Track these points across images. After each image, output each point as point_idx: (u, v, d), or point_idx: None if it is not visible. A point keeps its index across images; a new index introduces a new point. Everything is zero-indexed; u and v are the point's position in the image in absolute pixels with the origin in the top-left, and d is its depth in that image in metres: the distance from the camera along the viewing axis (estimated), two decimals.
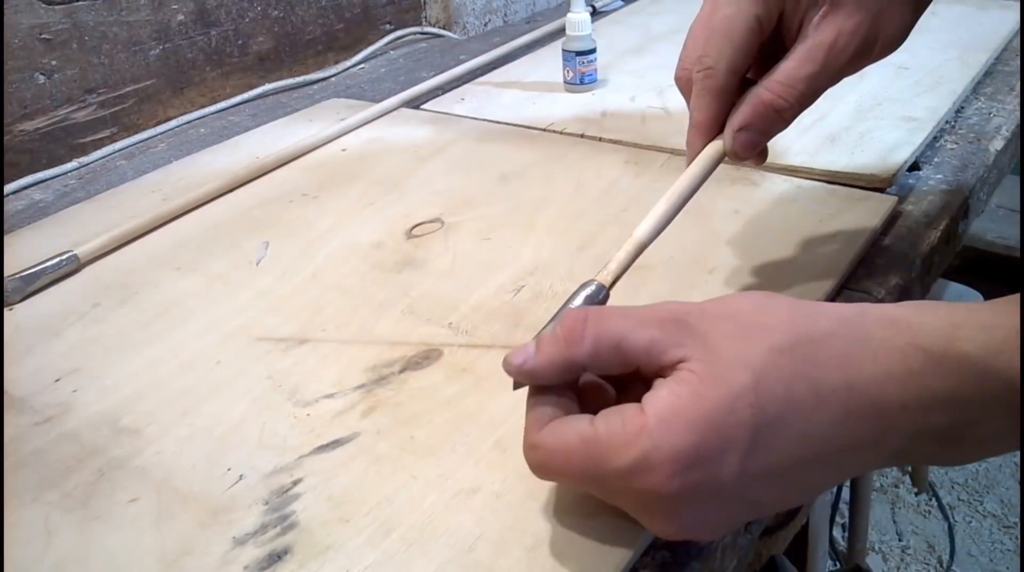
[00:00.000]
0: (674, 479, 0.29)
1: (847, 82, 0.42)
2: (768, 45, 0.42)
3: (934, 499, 1.50)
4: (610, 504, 0.33)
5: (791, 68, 0.40)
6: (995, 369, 0.28)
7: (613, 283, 0.37)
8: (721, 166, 0.63)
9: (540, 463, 0.32)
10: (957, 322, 0.30)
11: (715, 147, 0.42)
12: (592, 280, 0.37)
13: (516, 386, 0.34)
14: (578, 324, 0.32)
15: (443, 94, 0.85)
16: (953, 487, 1.53)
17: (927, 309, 0.31)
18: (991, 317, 0.29)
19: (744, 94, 0.41)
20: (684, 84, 0.43)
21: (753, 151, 0.41)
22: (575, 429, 0.31)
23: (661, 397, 0.30)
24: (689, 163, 0.42)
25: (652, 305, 0.33)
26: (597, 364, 0.32)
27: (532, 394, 0.34)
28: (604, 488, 0.32)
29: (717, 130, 0.42)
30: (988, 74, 0.79)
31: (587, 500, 0.36)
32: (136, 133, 0.83)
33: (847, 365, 0.30)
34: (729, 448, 0.29)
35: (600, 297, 0.36)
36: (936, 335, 0.30)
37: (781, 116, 0.40)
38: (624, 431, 0.30)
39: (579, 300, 0.36)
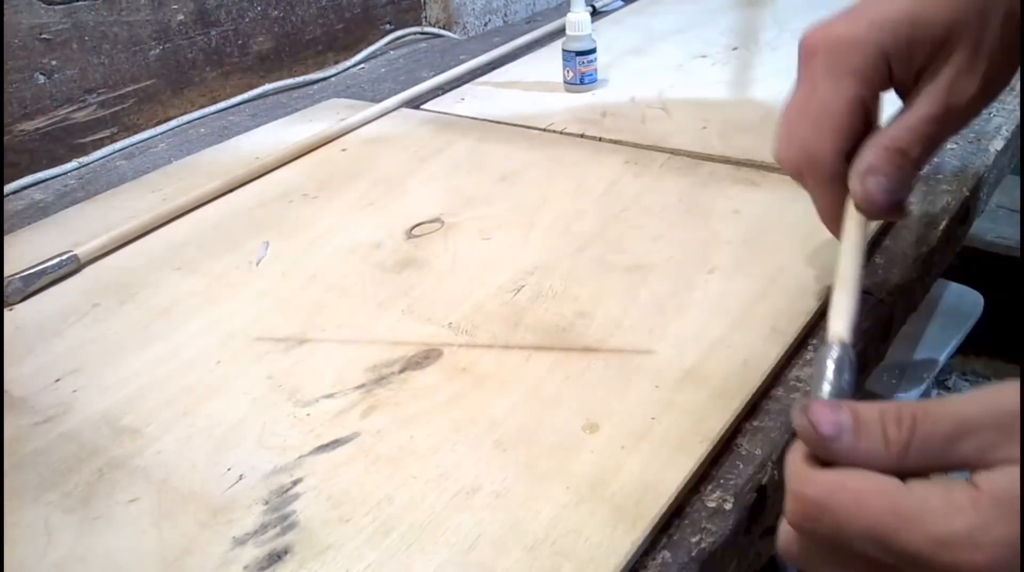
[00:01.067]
0: (998, 566, 0.25)
1: None
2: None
3: None
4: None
5: (911, 112, 0.38)
6: None
7: (853, 334, 0.33)
8: (721, 167, 0.63)
9: (822, 499, 0.27)
10: None
11: (855, 217, 0.39)
12: (832, 341, 0.32)
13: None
14: (905, 427, 0.27)
15: (443, 94, 0.85)
16: None
17: None
18: None
19: (862, 148, 0.39)
20: (790, 169, 0.41)
21: (885, 196, 0.37)
22: (879, 478, 0.27)
23: (1001, 480, 0.26)
24: (840, 236, 0.39)
25: (984, 393, 0.28)
26: (915, 471, 0.27)
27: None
28: (896, 555, 0.27)
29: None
30: None
31: (587, 499, 0.36)
32: (136, 133, 0.83)
33: None
34: None
35: (849, 358, 0.31)
36: None
37: (907, 158, 0.38)
38: (948, 498, 0.26)
39: (830, 375, 0.31)
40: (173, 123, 0.86)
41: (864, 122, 0.39)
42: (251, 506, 0.38)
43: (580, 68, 0.81)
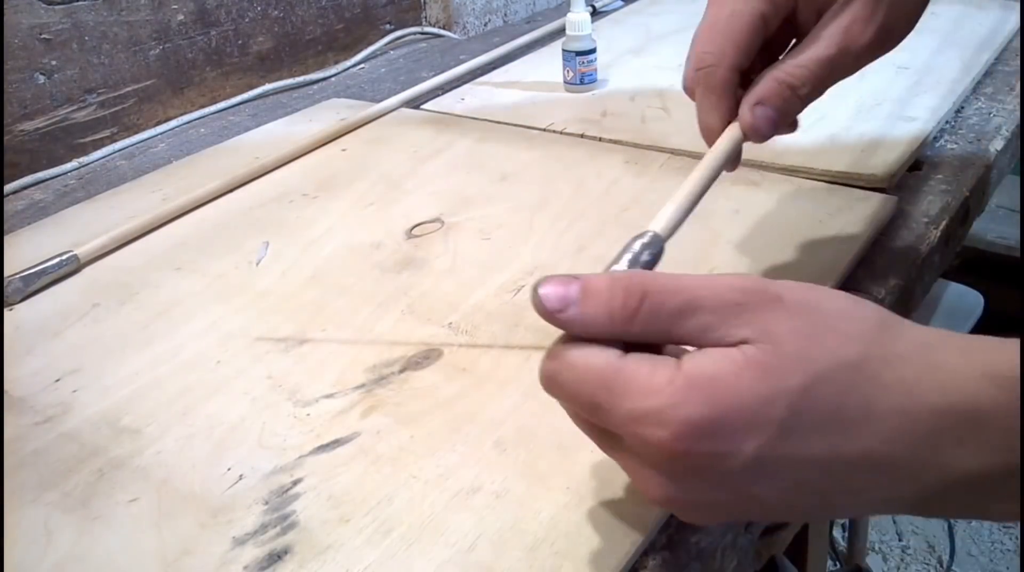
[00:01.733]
0: (681, 442, 0.27)
1: (847, 82, 0.42)
2: (781, 41, 0.42)
3: None
4: (606, 452, 0.32)
5: (806, 51, 0.39)
6: None
7: (670, 234, 0.34)
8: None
9: (552, 373, 0.30)
10: None
11: (732, 130, 0.40)
12: (647, 230, 0.33)
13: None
14: (632, 300, 0.29)
15: (443, 94, 0.85)
16: None
17: (1008, 342, 0.28)
18: None
19: (758, 78, 0.40)
20: (690, 88, 0.42)
21: (769, 127, 0.40)
22: (603, 353, 0.29)
23: (702, 362, 0.28)
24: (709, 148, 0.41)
25: (725, 277, 0.30)
26: (642, 340, 0.29)
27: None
28: (604, 424, 0.30)
29: (724, 129, 0.41)
30: (988, 74, 0.79)
31: (587, 499, 0.36)
32: (136, 133, 0.83)
33: (911, 391, 0.28)
34: (750, 434, 0.27)
35: (656, 250, 0.33)
36: (1008, 365, 0.27)
37: (796, 94, 0.39)
38: (650, 377, 0.28)
39: (632, 253, 0.33)
40: (173, 123, 0.86)
41: (763, 37, 0.41)
42: (251, 506, 0.38)
43: (580, 68, 0.81)
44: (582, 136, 0.72)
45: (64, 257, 0.57)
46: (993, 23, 0.88)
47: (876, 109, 0.70)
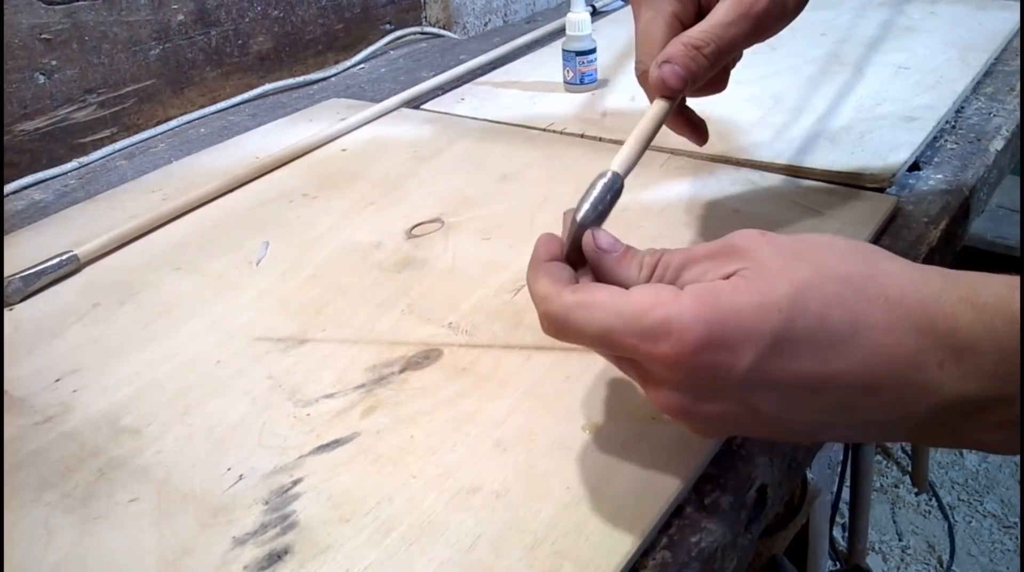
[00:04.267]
0: (686, 349, 0.30)
1: (847, 82, 0.42)
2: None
3: (934, 499, 1.50)
4: (623, 373, 0.34)
5: (709, 18, 0.43)
6: None
7: (627, 173, 0.39)
8: (721, 167, 0.63)
9: (559, 315, 0.32)
10: (1014, 285, 0.29)
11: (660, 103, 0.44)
12: (607, 170, 0.38)
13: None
14: (653, 258, 0.34)
15: (443, 94, 0.85)
16: (953, 487, 1.53)
17: (995, 276, 0.30)
18: None
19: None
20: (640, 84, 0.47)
21: (678, 81, 0.42)
22: (606, 289, 0.32)
23: (700, 284, 0.31)
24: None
25: (712, 243, 0.34)
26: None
27: (544, 259, 0.35)
28: (617, 349, 0.32)
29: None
30: (988, 74, 0.79)
31: (587, 499, 0.36)
32: (136, 133, 0.83)
33: (894, 308, 0.29)
34: (747, 344, 0.29)
35: (617, 186, 0.38)
36: (991, 291, 0.29)
37: (701, 52, 0.42)
38: (656, 297, 0.31)
39: (597, 191, 0.37)
40: (173, 123, 0.86)
41: (681, 31, 0.45)
42: (251, 506, 0.38)
43: (580, 68, 0.81)
44: (582, 136, 0.72)
45: (64, 257, 0.57)
46: (993, 23, 0.88)
47: (876, 109, 0.70)
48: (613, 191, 0.37)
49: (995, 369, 0.28)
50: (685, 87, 0.42)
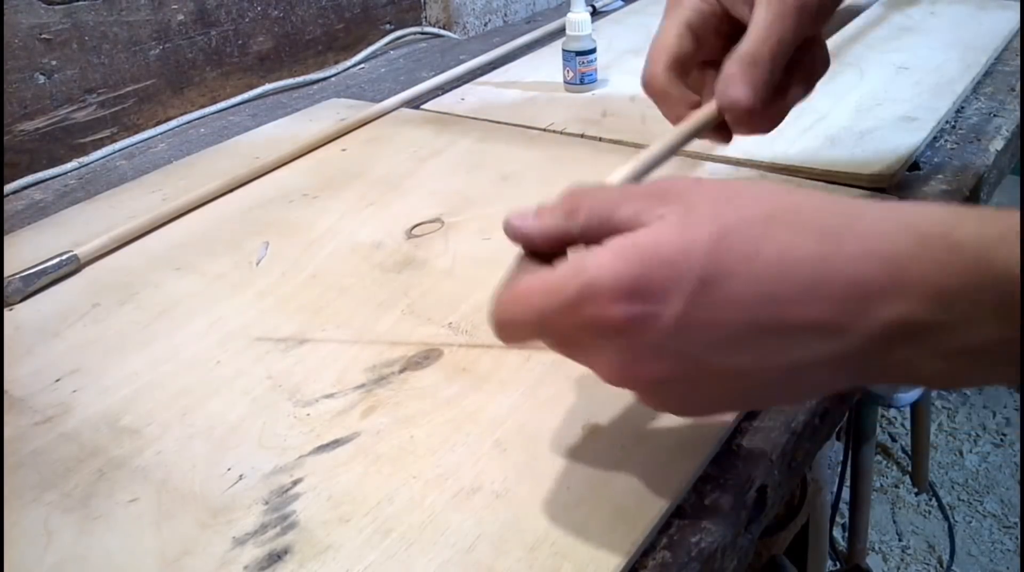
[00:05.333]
0: (616, 306, 0.29)
1: (847, 82, 0.42)
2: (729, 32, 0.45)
3: (934, 499, 1.50)
4: (580, 363, 0.33)
5: (752, 25, 0.42)
6: (989, 261, 0.26)
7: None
8: (721, 167, 0.63)
9: (501, 313, 0.32)
10: (959, 213, 0.28)
11: (707, 107, 0.44)
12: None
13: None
14: (575, 198, 0.33)
15: (443, 94, 0.85)
16: (953, 487, 1.53)
17: (932, 204, 0.29)
18: (993, 213, 0.27)
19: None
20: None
21: (747, 98, 0.41)
22: (537, 274, 0.32)
23: (621, 236, 0.30)
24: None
25: (654, 181, 0.34)
26: (588, 236, 0.32)
27: (518, 262, 0.34)
28: (558, 328, 0.32)
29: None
30: (988, 74, 0.79)
31: (587, 499, 0.36)
32: (136, 133, 0.83)
33: (826, 238, 0.28)
34: (673, 289, 0.29)
35: None
36: (933, 219, 0.28)
37: (756, 62, 0.42)
38: (579, 262, 0.30)
39: None
40: (173, 123, 0.86)
41: (694, 43, 0.46)
42: (251, 506, 0.38)
43: (580, 68, 0.81)
44: (582, 136, 0.72)
45: (64, 257, 0.57)
46: (993, 23, 0.88)
47: (876, 109, 0.70)
48: None
49: (938, 295, 0.27)
50: (756, 101, 0.41)
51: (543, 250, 0.34)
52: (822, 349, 0.29)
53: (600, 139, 0.71)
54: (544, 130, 0.74)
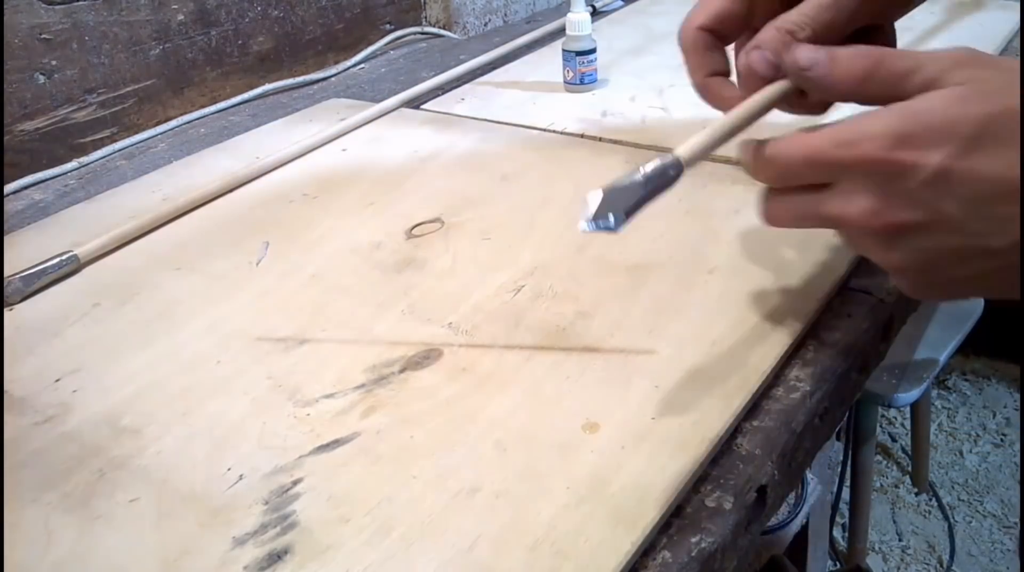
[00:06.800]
0: (885, 148, 0.33)
1: None
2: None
3: (934, 499, 1.50)
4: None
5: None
6: None
7: (692, 162, 0.37)
8: (722, 167, 0.63)
9: (777, 147, 0.36)
10: None
11: (764, 92, 0.40)
12: (670, 153, 0.36)
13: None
14: (870, 62, 0.35)
15: (443, 94, 0.85)
16: (953, 487, 1.53)
17: None
18: None
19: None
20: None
21: (765, 67, 0.40)
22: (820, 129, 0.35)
23: (911, 100, 0.33)
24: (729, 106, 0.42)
25: (948, 50, 0.35)
26: (877, 100, 0.35)
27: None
28: (825, 164, 0.35)
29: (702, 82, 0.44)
30: None
31: (587, 499, 0.36)
32: (136, 133, 0.83)
33: None
34: (936, 148, 0.32)
35: (674, 167, 0.36)
36: None
37: (794, 37, 0.40)
38: (863, 114, 0.34)
39: (652, 164, 0.36)
40: (173, 123, 0.86)
41: (742, 6, 0.43)
42: (251, 506, 0.38)
43: (580, 68, 0.81)
44: (582, 136, 0.72)
45: (64, 257, 0.57)
46: (993, 23, 0.88)
47: None
48: (669, 177, 0.36)
49: None
50: (773, 74, 0.40)
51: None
52: None
53: (600, 139, 0.71)
54: (544, 130, 0.74)
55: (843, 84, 0.36)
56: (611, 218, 0.35)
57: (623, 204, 0.35)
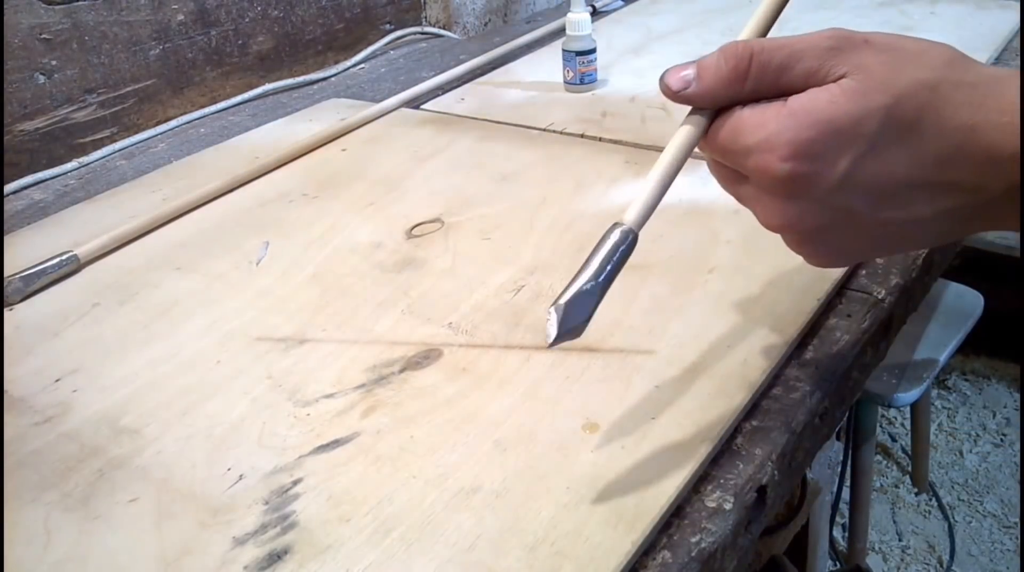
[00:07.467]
0: (785, 163, 0.32)
1: None
2: None
3: (934, 499, 1.50)
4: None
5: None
6: None
7: (641, 225, 0.36)
8: None
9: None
10: None
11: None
12: (618, 223, 0.35)
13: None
14: (743, 62, 0.34)
15: (443, 94, 0.85)
16: (953, 487, 1.53)
17: None
18: None
19: None
20: None
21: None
22: (731, 111, 0.34)
23: (802, 97, 0.33)
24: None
25: (812, 33, 0.34)
26: (755, 98, 0.34)
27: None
28: (732, 163, 0.35)
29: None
30: None
31: (587, 499, 0.36)
32: (136, 133, 0.83)
33: (976, 112, 0.32)
34: (844, 153, 0.32)
35: (627, 242, 0.35)
36: None
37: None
38: (762, 114, 0.33)
39: (605, 248, 0.34)
40: (173, 123, 0.86)
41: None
42: (251, 506, 0.38)
43: (580, 68, 0.81)
44: (582, 136, 0.72)
45: (64, 257, 0.57)
46: (993, 23, 0.88)
47: None
48: (623, 251, 0.35)
49: None
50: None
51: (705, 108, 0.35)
52: (961, 201, 0.33)
53: (600, 139, 0.71)
54: (544, 130, 0.74)
55: (721, 91, 0.34)
56: (575, 332, 0.34)
57: (584, 312, 0.34)
